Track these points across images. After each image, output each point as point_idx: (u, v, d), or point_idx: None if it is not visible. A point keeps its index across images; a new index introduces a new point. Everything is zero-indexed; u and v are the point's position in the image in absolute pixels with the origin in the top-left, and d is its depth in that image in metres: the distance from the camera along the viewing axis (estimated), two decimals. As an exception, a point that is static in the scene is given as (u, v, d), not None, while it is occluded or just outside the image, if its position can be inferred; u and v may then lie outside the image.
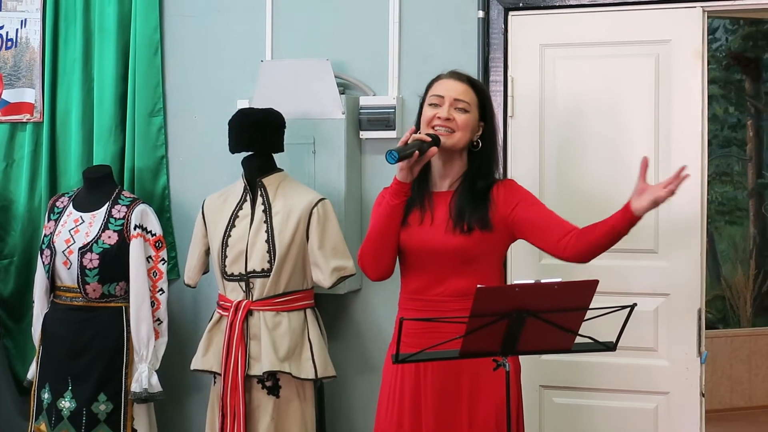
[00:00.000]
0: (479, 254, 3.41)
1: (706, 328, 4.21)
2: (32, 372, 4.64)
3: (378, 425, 3.56)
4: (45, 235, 4.58)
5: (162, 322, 4.51)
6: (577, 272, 3.79)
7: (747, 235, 7.36)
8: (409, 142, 3.31)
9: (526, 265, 4.29)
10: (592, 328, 3.02)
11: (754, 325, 7.37)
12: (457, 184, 3.49)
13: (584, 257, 3.39)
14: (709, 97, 4.18)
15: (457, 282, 3.39)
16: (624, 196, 4.18)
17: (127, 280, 4.48)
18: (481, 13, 4.37)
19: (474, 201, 3.42)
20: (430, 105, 3.46)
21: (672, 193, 3.31)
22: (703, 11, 4.12)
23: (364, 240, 3.55)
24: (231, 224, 4.24)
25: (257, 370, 4.13)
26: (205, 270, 4.46)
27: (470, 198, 3.43)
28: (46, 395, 4.50)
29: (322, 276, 4.18)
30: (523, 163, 4.32)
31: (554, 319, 2.92)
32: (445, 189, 3.50)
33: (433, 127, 3.42)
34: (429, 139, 3.34)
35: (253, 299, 4.18)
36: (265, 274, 4.15)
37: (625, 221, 3.32)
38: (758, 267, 7.37)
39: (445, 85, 3.48)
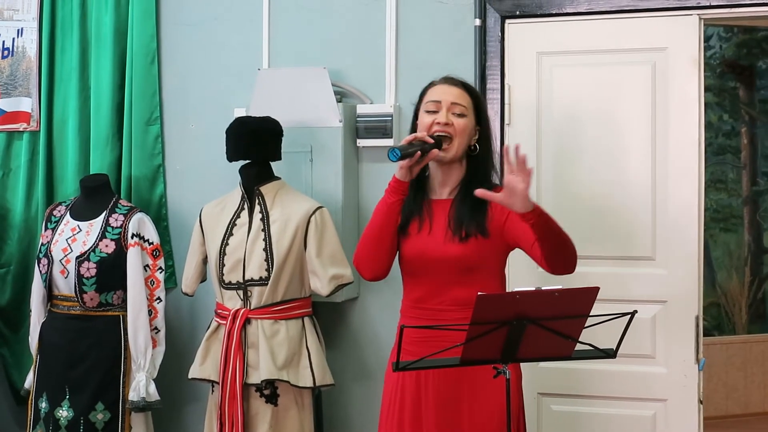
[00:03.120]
0: (478, 262, 3.40)
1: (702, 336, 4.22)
2: (29, 381, 4.64)
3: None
4: (42, 244, 4.57)
5: (159, 330, 4.51)
6: (576, 280, 3.80)
7: (742, 243, 7.37)
8: (413, 141, 3.33)
9: (526, 272, 4.29)
10: (589, 336, 3.03)
11: (749, 332, 7.38)
12: (456, 191, 3.49)
13: (554, 268, 3.32)
14: (704, 104, 4.19)
15: (458, 291, 3.38)
16: (621, 203, 4.22)
17: (124, 288, 4.47)
18: (477, 21, 4.38)
19: (472, 208, 3.41)
20: (427, 112, 3.46)
21: (522, 177, 3.10)
22: (700, 19, 4.14)
23: (360, 239, 3.54)
24: (228, 233, 4.24)
25: (255, 378, 4.13)
26: (203, 278, 4.46)
27: (468, 205, 3.42)
28: (43, 404, 4.49)
29: (320, 284, 4.17)
30: (520, 171, 4.33)
31: (555, 326, 2.92)
32: (445, 197, 3.50)
33: (432, 134, 3.42)
34: (432, 141, 3.35)
35: (251, 307, 4.17)
36: (262, 282, 4.15)
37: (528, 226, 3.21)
38: (753, 274, 7.38)
39: (440, 90, 3.48)
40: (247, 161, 4.25)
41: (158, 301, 4.51)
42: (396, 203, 3.42)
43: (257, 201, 4.24)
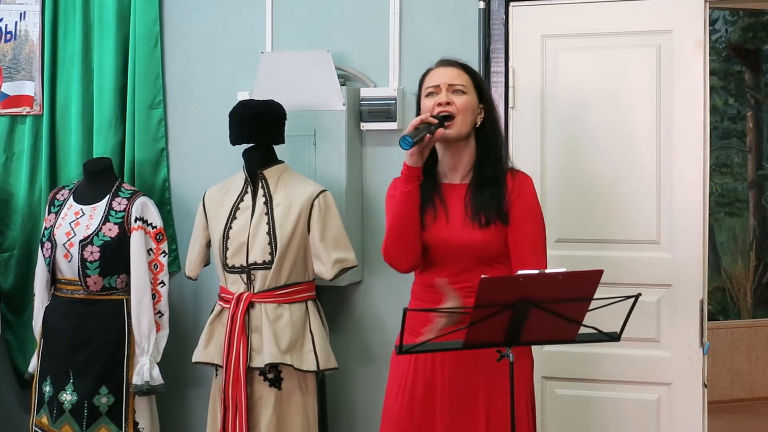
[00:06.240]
0: (497, 250, 3.38)
1: (707, 320, 4.21)
2: (33, 365, 4.64)
3: (387, 416, 3.54)
4: (45, 228, 4.57)
5: (163, 314, 4.51)
6: (580, 263, 3.79)
7: (747, 227, 7.36)
8: (418, 126, 3.30)
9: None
10: (594, 319, 3.02)
11: (754, 316, 7.38)
12: (469, 176, 3.46)
13: None
14: (710, 88, 4.17)
15: (475, 278, 3.33)
16: (626, 187, 4.21)
17: (127, 272, 4.47)
18: (482, 4, 4.36)
19: (489, 193, 3.39)
20: (428, 96, 3.44)
21: None
22: (705, 1, 4.12)
23: (385, 235, 3.48)
24: (232, 216, 4.23)
25: (259, 362, 4.13)
26: (206, 262, 4.45)
27: (485, 190, 3.40)
28: (47, 388, 4.49)
29: (324, 268, 4.17)
30: (524, 154, 4.32)
31: (558, 309, 2.91)
32: (458, 182, 3.47)
33: (434, 115, 3.38)
34: (435, 121, 3.32)
35: (255, 291, 4.17)
36: (266, 266, 4.14)
37: None
38: (758, 258, 7.37)
39: (437, 74, 3.46)
40: (251, 145, 4.24)
41: (162, 285, 4.51)
42: (413, 190, 3.38)
43: (261, 185, 4.23)
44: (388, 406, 3.54)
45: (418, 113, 3.50)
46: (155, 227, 4.52)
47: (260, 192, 4.22)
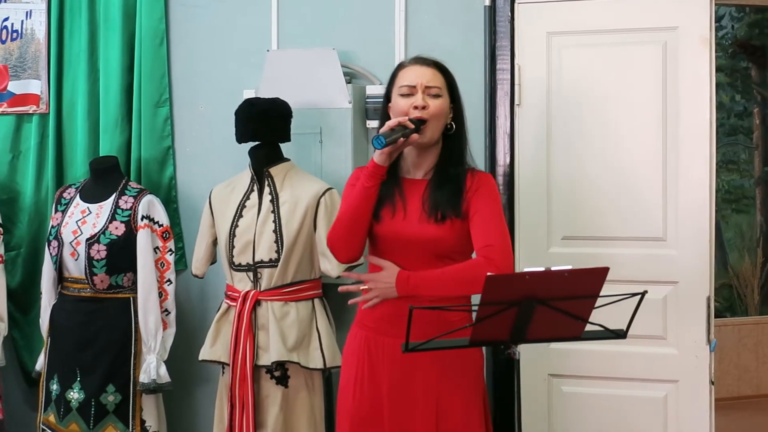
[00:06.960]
0: (453, 246, 3.37)
1: (714, 317, 4.20)
2: (41, 363, 4.65)
3: (345, 408, 3.52)
4: (52, 227, 4.58)
5: (170, 312, 4.51)
6: (586, 261, 3.79)
7: (754, 224, 7.34)
8: (394, 127, 3.29)
9: (535, 253, 4.28)
10: (600, 317, 3.01)
11: (761, 313, 7.36)
12: (431, 173, 3.45)
13: None
14: (716, 85, 4.16)
15: None
16: (632, 183, 4.20)
17: (134, 271, 4.48)
18: (487, 1, 4.36)
19: (448, 189, 3.38)
20: (402, 96, 3.41)
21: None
22: (711, -3, 4.12)
23: (334, 222, 3.49)
24: (238, 214, 4.24)
25: (265, 360, 4.13)
26: (213, 260, 4.46)
27: (444, 187, 3.39)
28: (54, 386, 4.50)
29: (330, 266, 4.17)
30: (529, 151, 4.32)
31: (564, 306, 2.90)
32: (419, 177, 3.46)
33: (410, 118, 3.35)
34: (412, 125, 3.31)
35: (261, 289, 4.17)
36: (272, 264, 4.15)
37: None
38: (765, 255, 7.35)
39: (413, 73, 3.42)
40: (257, 143, 4.24)
41: (168, 283, 4.51)
42: (373, 188, 3.37)
43: (267, 182, 4.23)
44: (345, 398, 3.53)
45: (386, 105, 3.48)
46: (162, 225, 4.52)
47: (266, 190, 4.22)
